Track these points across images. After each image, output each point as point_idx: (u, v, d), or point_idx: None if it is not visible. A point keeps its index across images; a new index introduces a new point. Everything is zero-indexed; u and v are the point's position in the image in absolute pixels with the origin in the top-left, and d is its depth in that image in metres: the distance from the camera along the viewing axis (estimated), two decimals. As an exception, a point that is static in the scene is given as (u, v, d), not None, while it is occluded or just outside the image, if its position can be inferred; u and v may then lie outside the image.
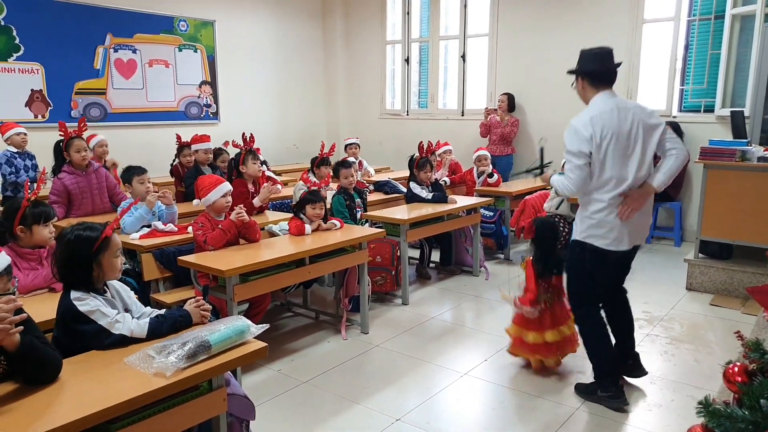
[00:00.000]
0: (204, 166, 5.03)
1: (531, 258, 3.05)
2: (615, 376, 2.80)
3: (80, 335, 1.86)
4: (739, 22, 5.54)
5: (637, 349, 2.98)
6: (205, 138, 5.11)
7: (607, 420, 2.68)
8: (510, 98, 6.80)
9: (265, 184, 4.18)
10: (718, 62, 5.65)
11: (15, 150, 4.73)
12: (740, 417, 1.10)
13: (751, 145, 4.31)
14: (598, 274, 2.73)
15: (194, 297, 2.18)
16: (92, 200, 3.95)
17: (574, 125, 2.61)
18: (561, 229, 5.08)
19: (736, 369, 1.27)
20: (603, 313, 2.86)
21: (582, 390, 2.89)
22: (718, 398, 1.34)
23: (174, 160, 5.48)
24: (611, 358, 2.81)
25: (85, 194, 3.93)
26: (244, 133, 4.37)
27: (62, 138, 3.98)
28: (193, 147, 5.10)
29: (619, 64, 2.71)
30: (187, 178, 4.94)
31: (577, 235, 2.72)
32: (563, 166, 3.65)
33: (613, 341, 2.86)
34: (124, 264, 3.49)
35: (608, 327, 2.83)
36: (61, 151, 4.01)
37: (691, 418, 1.49)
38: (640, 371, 2.95)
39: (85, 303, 1.89)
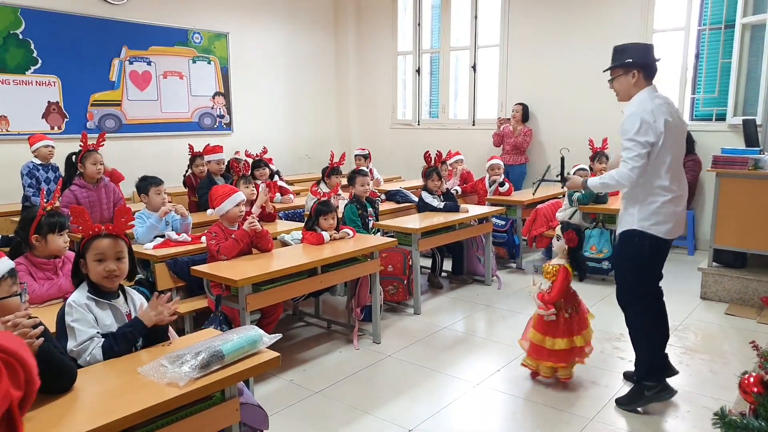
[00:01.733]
0: (217, 176, 5.09)
1: (564, 264, 2.97)
2: (663, 372, 2.79)
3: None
4: (749, 31, 5.52)
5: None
6: (217, 149, 5.17)
7: (621, 430, 2.66)
8: (524, 108, 6.81)
9: (261, 186, 4.21)
10: (729, 71, 5.62)
11: (39, 162, 4.81)
12: (756, 428, 1.09)
13: (763, 154, 4.27)
14: (655, 263, 2.76)
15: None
16: (100, 214, 4.00)
17: (639, 114, 2.59)
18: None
19: (751, 380, 1.25)
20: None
21: (626, 402, 2.83)
22: (734, 409, 1.32)
23: (187, 171, 5.54)
24: (662, 353, 2.80)
25: (95, 208, 3.99)
26: (235, 159, 4.40)
27: (77, 151, 4.03)
28: (206, 158, 5.16)
29: (659, 59, 2.75)
30: (200, 189, 4.99)
31: (634, 224, 2.68)
32: (575, 172, 3.64)
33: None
34: (138, 275, 3.55)
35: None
36: (72, 163, 4.06)
37: (707, 429, 1.48)
38: (671, 371, 2.89)
39: (69, 314, 1.91)
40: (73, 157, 4.08)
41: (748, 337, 2.72)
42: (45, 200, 2.79)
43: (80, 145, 4.03)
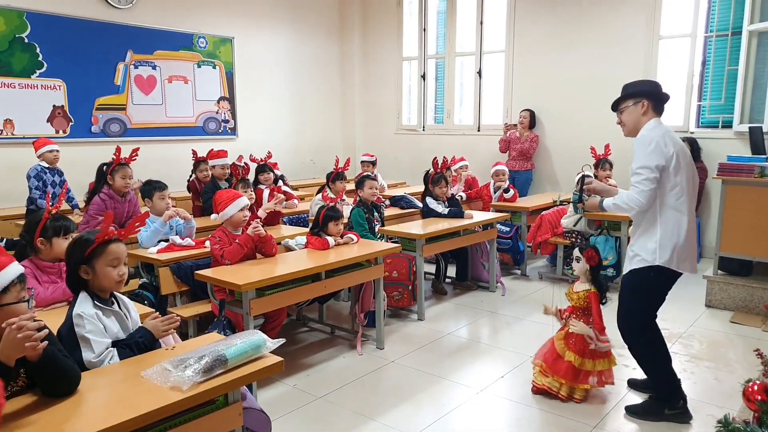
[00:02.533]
0: (221, 181, 5.10)
1: (591, 290, 2.93)
2: (680, 392, 2.77)
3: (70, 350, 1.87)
4: (756, 38, 5.51)
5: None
6: (222, 153, 5.19)
7: (625, 440, 2.64)
8: (532, 115, 6.82)
9: (276, 195, 4.24)
10: (736, 78, 5.61)
11: (46, 165, 4.84)
12: (761, 437, 1.08)
13: (770, 161, 4.26)
14: (663, 295, 2.75)
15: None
16: (121, 225, 4.02)
17: (652, 138, 2.59)
18: (575, 244, 5.05)
19: (755, 387, 1.25)
20: None
21: (639, 411, 2.81)
22: (739, 417, 1.31)
23: (191, 176, 5.56)
24: (674, 375, 2.78)
25: (118, 219, 4.02)
26: (234, 164, 4.45)
27: (109, 162, 4.06)
28: (210, 162, 5.18)
29: (668, 97, 2.77)
30: (204, 193, 5.01)
31: (654, 261, 2.63)
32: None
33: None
34: (142, 279, 3.57)
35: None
36: (104, 174, 4.09)
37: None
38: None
39: (82, 325, 1.91)
40: (104, 167, 4.12)
41: (753, 345, 2.69)
42: (50, 203, 2.79)
43: (113, 157, 4.06)
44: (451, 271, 5.13)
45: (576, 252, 2.98)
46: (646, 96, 2.68)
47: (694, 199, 2.71)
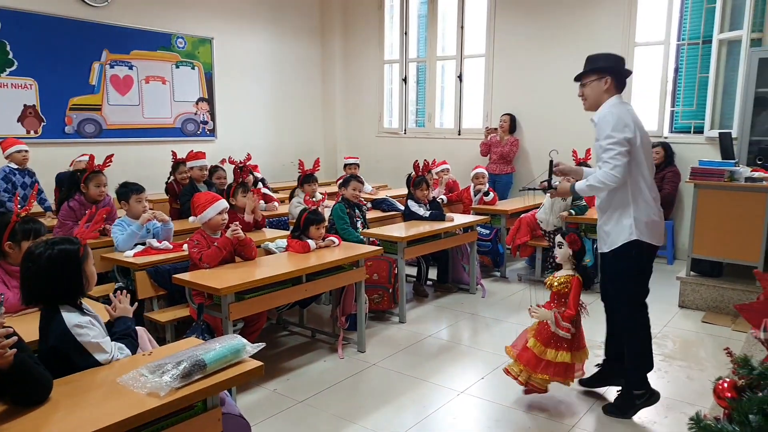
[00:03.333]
0: (199, 183, 5.05)
1: (574, 273, 2.88)
2: (646, 379, 2.83)
3: (72, 364, 1.84)
4: (726, 46, 5.66)
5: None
6: (200, 155, 5.13)
7: (602, 440, 2.69)
8: (512, 119, 6.89)
9: (249, 194, 4.19)
10: (707, 85, 5.76)
11: (15, 166, 4.73)
12: (730, 432, 1.12)
13: (738, 166, 4.37)
14: (647, 270, 2.80)
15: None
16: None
17: (615, 113, 2.61)
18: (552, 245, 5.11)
19: (725, 385, 1.28)
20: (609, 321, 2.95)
21: (615, 410, 2.84)
22: (710, 414, 1.35)
23: (169, 178, 5.48)
24: (651, 357, 2.85)
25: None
26: (235, 165, 4.38)
27: (82, 169, 3.97)
28: (189, 164, 5.11)
29: (630, 72, 2.81)
30: (182, 195, 4.94)
31: (632, 236, 2.66)
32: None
33: (615, 349, 2.96)
34: (118, 283, 3.51)
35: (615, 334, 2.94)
36: (77, 181, 3.99)
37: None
38: (616, 379, 2.96)
39: (85, 334, 1.87)
40: (78, 174, 4.03)
41: (724, 344, 2.76)
42: (20, 206, 2.73)
43: (87, 167, 3.98)
44: (432, 273, 5.15)
45: (558, 238, 2.93)
46: (610, 72, 2.71)
47: (653, 174, 2.75)
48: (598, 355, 3.49)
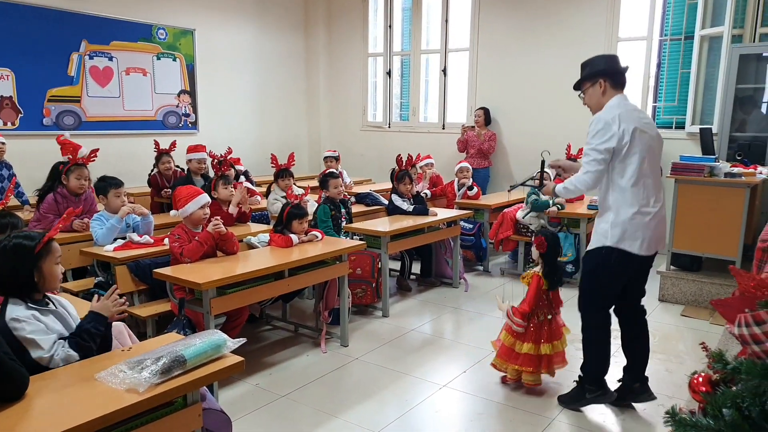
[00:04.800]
0: (197, 176, 5.00)
1: (538, 272, 2.98)
2: (603, 382, 2.82)
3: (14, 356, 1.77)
4: (707, 42, 5.72)
5: (611, 359, 2.97)
6: (200, 148, 5.10)
7: (583, 430, 2.72)
8: (486, 112, 6.90)
9: (239, 188, 4.16)
10: (689, 81, 5.82)
11: None
12: (704, 426, 1.13)
13: (718, 161, 4.45)
14: (619, 278, 2.72)
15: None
16: (72, 223, 3.88)
17: (604, 118, 2.57)
18: (531, 237, 5.16)
19: (700, 379, 1.30)
20: (621, 333, 2.89)
21: (567, 400, 2.89)
22: (686, 407, 1.37)
23: (153, 169, 5.41)
24: (607, 364, 2.82)
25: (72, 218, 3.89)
26: (215, 159, 4.34)
27: (65, 160, 3.90)
28: (187, 156, 5.11)
29: (626, 68, 2.75)
30: (174, 187, 4.88)
31: (606, 241, 2.63)
32: (555, 177, 3.68)
33: (626, 362, 2.91)
34: (97, 278, 3.46)
35: (626, 347, 2.89)
36: (58, 173, 3.90)
37: (662, 427, 1.53)
38: (647, 395, 2.86)
39: (21, 328, 1.82)
40: (61, 166, 3.95)
41: (702, 338, 2.82)
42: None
43: (69, 158, 3.89)
44: (416, 267, 5.17)
45: (533, 238, 3.08)
46: (602, 75, 2.67)
47: (659, 179, 2.67)
48: (580, 348, 3.51)
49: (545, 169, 3.09)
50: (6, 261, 1.87)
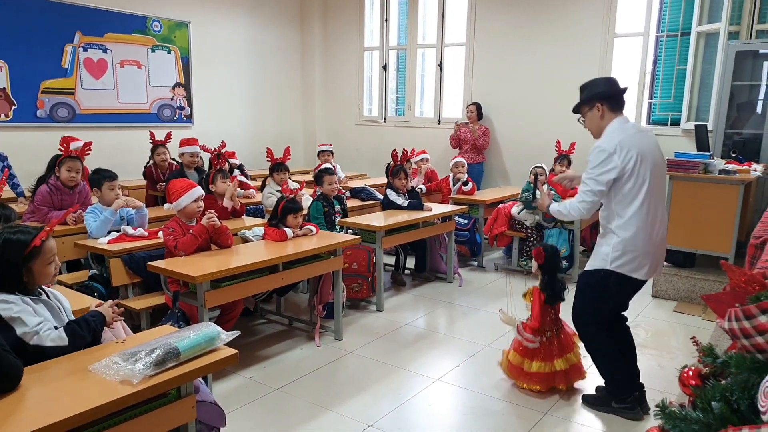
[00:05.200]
0: (189, 170, 4.98)
1: (538, 286, 2.95)
2: (631, 388, 2.78)
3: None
4: (704, 39, 5.73)
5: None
6: (192, 141, 5.08)
7: (574, 424, 2.74)
8: (478, 107, 6.89)
9: (230, 183, 4.14)
10: (685, 77, 5.83)
11: None
12: (694, 419, 1.14)
13: (713, 158, 4.46)
14: (615, 300, 2.72)
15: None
16: (66, 216, 3.87)
17: (606, 149, 2.52)
18: (529, 236, 5.19)
19: (690, 373, 1.31)
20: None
21: (592, 401, 2.87)
22: (676, 401, 1.38)
23: (148, 161, 5.38)
24: (625, 371, 2.78)
25: (65, 209, 3.88)
26: (211, 152, 4.38)
27: (59, 153, 3.90)
28: (180, 150, 5.07)
29: (625, 89, 2.71)
30: (168, 181, 4.86)
31: (606, 263, 2.61)
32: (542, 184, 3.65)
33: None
34: (92, 270, 3.45)
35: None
36: (52, 164, 3.93)
37: (653, 420, 1.54)
38: (644, 407, 2.80)
39: (8, 308, 1.81)
40: (58, 159, 3.94)
41: (694, 333, 2.82)
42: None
43: (60, 149, 3.88)
44: (410, 262, 5.17)
45: (531, 247, 3.05)
46: (599, 99, 2.63)
47: (662, 200, 2.66)
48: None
49: (540, 184, 3.04)
50: None
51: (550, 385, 2.97)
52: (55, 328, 1.90)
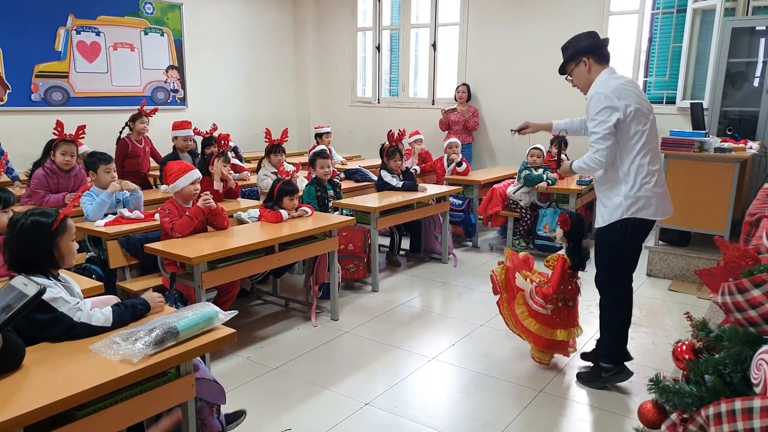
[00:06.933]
0: (183, 153, 4.94)
1: (564, 253, 2.94)
2: (621, 356, 2.85)
3: (37, 324, 1.80)
4: (700, 16, 5.69)
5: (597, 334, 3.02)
6: (185, 124, 5.01)
7: (569, 401, 2.78)
8: (468, 88, 6.86)
9: (216, 163, 4.10)
10: (680, 55, 5.80)
11: None
12: (687, 392, 1.16)
13: (708, 136, 4.46)
14: (636, 248, 2.75)
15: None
16: (62, 201, 3.86)
17: (603, 93, 2.56)
18: (523, 216, 5.20)
19: (684, 347, 1.33)
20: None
21: (586, 379, 2.91)
22: (670, 377, 1.41)
23: (122, 129, 5.05)
24: (624, 342, 2.85)
25: (61, 192, 3.87)
26: (204, 134, 4.36)
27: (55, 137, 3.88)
28: (173, 133, 5.02)
29: (607, 40, 2.74)
30: (163, 164, 4.83)
31: (618, 215, 2.64)
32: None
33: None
34: (89, 253, 3.45)
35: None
36: (48, 148, 3.94)
37: (646, 394, 1.57)
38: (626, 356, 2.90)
39: (48, 291, 1.83)
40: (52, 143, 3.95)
41: (688, 311, 2.86)
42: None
43: (54, 132, 3.87)
44: (405, 243, 5.19)
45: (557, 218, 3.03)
46: (584, 53, 2.67)
47: (658, 147, 2.70)
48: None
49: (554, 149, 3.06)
50: (25, 238, 1.89)
51: (550, 350, 3.01)
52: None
